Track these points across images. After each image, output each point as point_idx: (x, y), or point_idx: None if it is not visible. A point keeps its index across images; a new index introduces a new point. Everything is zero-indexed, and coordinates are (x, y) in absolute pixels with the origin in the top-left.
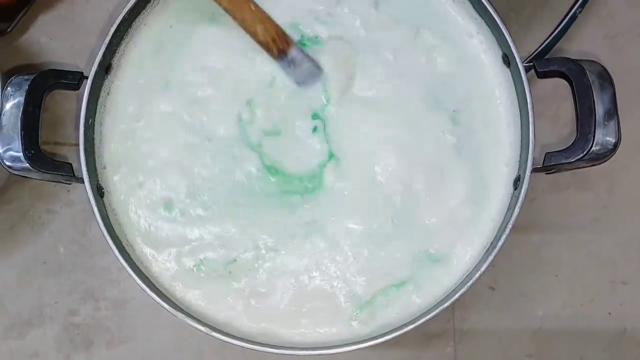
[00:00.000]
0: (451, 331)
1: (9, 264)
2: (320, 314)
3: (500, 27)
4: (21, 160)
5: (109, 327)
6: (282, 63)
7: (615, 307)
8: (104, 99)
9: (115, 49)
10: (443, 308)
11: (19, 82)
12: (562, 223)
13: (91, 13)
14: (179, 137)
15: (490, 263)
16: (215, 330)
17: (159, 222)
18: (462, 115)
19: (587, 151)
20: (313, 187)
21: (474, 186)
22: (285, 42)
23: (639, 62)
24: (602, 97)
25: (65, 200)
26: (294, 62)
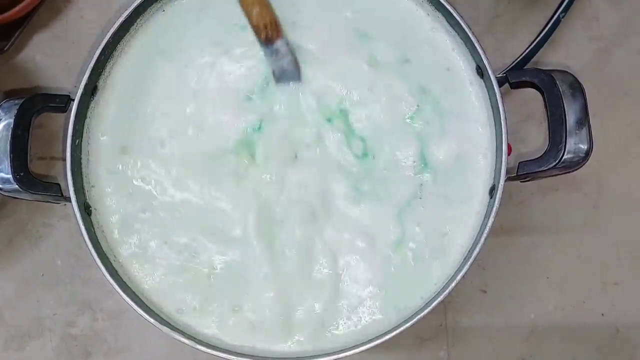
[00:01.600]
0: (444, 334)
1: (7, 276)
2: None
3: (472, 40)
4: (11, 182)
5: (106, 337)
6: (266, 50)
7: (607, 308)
8: (91, 119)
9: (100, 71)
10: (419, 318)
11: (8, 107)
12: (552, 225)
13: (84, 30)
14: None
15: (465, 273)
16: (201, 344)
17: (147, 240)
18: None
19: (559, 160)
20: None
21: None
22: (276, 31)
23: (623, 63)
24: (573, 107)
25: (62, 214)
26: (277, 53)
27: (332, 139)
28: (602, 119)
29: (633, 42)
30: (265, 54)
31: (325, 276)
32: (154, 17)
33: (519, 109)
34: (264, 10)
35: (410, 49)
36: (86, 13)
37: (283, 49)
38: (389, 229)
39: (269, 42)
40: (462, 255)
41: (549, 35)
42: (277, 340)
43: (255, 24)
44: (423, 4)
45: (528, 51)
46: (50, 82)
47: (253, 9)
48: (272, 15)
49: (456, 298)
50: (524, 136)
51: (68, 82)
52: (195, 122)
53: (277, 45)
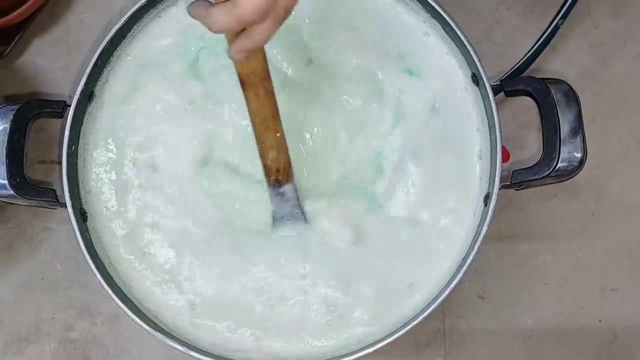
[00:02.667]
0: (441, 340)
1: (7, 281)
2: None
3: (468, 48)
4: (6, 188)
5: (104, 342)
6: (272, 190)
7: (605, 314)
8: (87, 125)
9: (97, 77)
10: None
11: (4, 112)
12: (550, 231)
13: (85, 34)
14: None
15: (459, 279)
16: (194, 350)
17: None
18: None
19: (553, 168)
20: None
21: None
22: (287, 176)
23: (623, 70)
24: (567, 115)
25: (62, 218)
26: (283, 197)
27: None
28: (601, 126)
29: (632, 49)
30: (270, 193)
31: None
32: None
33: (518, 116)
34: (280, 155)
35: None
36: (86, 17)
37: (290, 194)
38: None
39: (277, 184)
40: (457, 262)
41: (547, 42)
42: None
43: (268, 165)
44: (419, 11)
45: (527, 58)
46: (50, 86)
47: (270, 152)
48: (287, 160)
49: (454, 304)
50: (522, 142)
51: (68, 86)
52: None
53: (284, 189)
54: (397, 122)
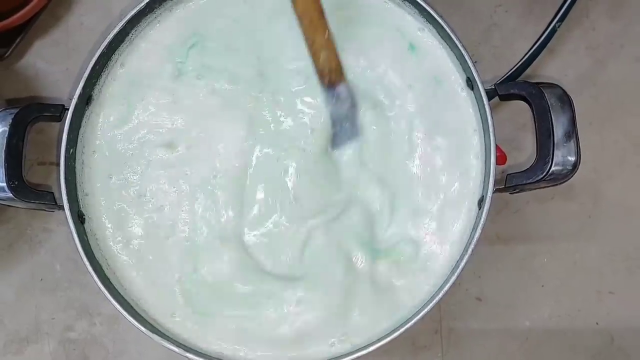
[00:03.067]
0: (439, 342)
1: (7, 281)
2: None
3: (462, 52)
4: (5, 191)
5: (103, 342)
6: (327, 94)
7: (602, 317)
8: (85, 129)
9: (95, 82)
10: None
11: (3, 116)
12: (547, 233)
13: (85, 37)
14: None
15: (453, 282)
16: (190, 352)
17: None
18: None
19: (547, 172)
20: None
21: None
22: (340, 76)
23: (620, 72)
24: (561, 119)
25: (61, 219)
26: (338, 98)
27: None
28: (598, 129)
29: (629, 51)
30: (326, 97)
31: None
32: (149, 27)
33: (515, 118)
34: (331, 55)
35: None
36: (86, 20)
37: (344, 94)
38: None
39: (331, 85)
40: (452, 265)
41: (544, 45)
42: (270, 348)
43: (321, 67)
44: (415, 15)
45: (523, 61)
46: (51, 88)
47: (321, 53)
48: (338, 60)
49: (452, 305)
50: (519, 145)
51: (67, 89)
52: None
53: (339, 90)
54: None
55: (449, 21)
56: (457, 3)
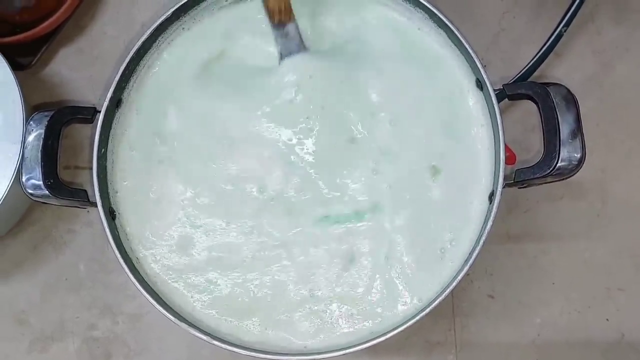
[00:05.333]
0: (452, 340)
1: (33, 281)
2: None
3: (472, 55)
4: (41, 188)
5: (126, 340)
6: (276, 32)
7: (612, 313)
8: (115, 130)
9: (124, 85)
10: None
11: (39, 118)
12: (557, 232)
13: (108, 45)
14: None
15: (465, 273)
16: (216, 339)
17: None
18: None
19: (554, 167)
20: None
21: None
22: (288, 15)
23: (626, 75)
24: (566, 118)
25: (85, 220)
26: (287, 35)
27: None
28: (605, 130)
29: (635, 55)
30: (276, 36)
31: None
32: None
33: (525, 120)
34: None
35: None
36: (109, 29)
37: (293, 32)
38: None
39: (281, 25)
40: (463, 259)
41: (551, 49)
42: (289, 337)
43: (270, 7)
44: (426, 20)
45: (530, 65)
46: (75, 95)
47: None
48: (287, 1)
49: (464, 302)
50: (529, 145)
51: (92, 95)
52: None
53: (288, 28)
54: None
55: (459, 28)
56: (466, 10)
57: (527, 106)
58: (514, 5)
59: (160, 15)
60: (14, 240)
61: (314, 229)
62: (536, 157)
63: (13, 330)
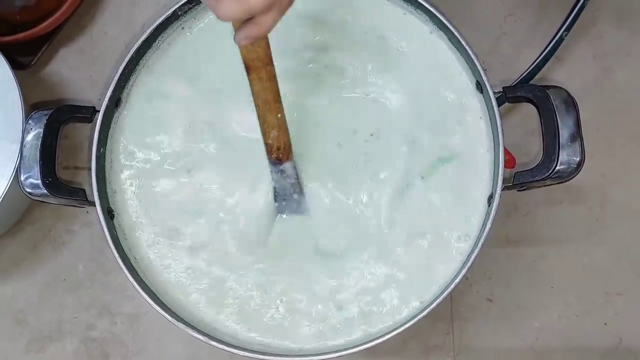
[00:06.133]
0: (450, 343)
1: (31, 281)
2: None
3: (473, 58)
4: (40, 187)
5: (124, 340)
6: (272, 167)
7: (610, 317)
8: (114, 129)
9: (123, 85)
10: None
11: (38, 117)
12: (556, 236)
13: (109, 45)
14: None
15: (464, 276)
16: (214, 340)
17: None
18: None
19: (553, 170)
20: None
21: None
22: (287, 155)
23: (626, 79)
24: (566, 121)
25: (84, 220)
26: (283, 173)
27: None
28: (605, 134)
29: (635, 59)
30: (271, 171)
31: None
32: (177, 35)
33: (525, 124)
34: (282, 134)
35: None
36: (110, 29)
37: (289, 171)
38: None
39: (278, 162)
40: (461, 261)
41: (552, 53)
42: (286, 339)
43: (270, 144)
44: (427, 23)
45: (531, 68)
46: (75, 94)
47: (272, 131)
48: (287, 139)
49: (463, 306)
50: (528, 149)
51: (92, 95)
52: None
53: (285, 166)
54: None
55: (461, 30)
56: (468, 13)
57: (527, 110)
58: (516, 8)
59: (160, 14)
60: (13, 240)
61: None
62: (535, 161)
63: (11, 330)
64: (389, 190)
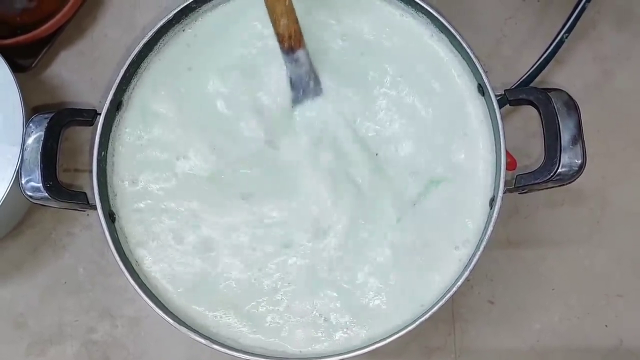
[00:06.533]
0: (452, 345)
1: (32, 284)
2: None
3: (474, 60)
4: (41, 191)
5: (125, 343)
6: (286, 58)
7: (610, 319)
8: (115, 133)
9: (125, 88)
10: (417, 324)
11: (39, 120)
12: (557, 238)
13: (109, 48)
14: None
15: (465, 278)
16: (216, 344)
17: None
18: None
19: (554, 173)
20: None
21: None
22: (298, 42)
23: (627, 82)
24: (567, 123)
25: (85, 223)
26: (297, 62)
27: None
28: (605, 136)
29: (636, 62)
30: (286, 61)
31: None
32: (177, 36)
33: (526, 126)
34: (291, 22)
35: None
36: (110, 32)
37: (303, 58)
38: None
39: (290, 51)
40: (464, 264)
41: (552, 55)
42: (285, 342)
43: (280, 32)
44: (428, 25)
45: (532, 71)
46: (76, 97)
47: (281, 19)
48: (297, 27)
49: (464, 308)
50: (530, 151)
51: (93, 97)
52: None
53: (298, 54)
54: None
55: (462, 33)
56: (468, 15)
57: (528, 112)
58: (517, 11)
59: (161, 17)
60: (13, 243)
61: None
62: (537, 163)
63: (11, 333)
64: (389, 194)
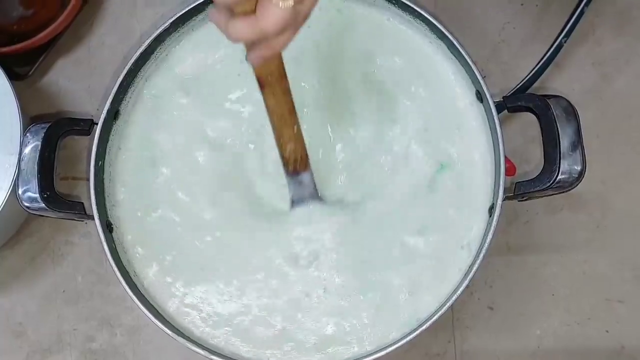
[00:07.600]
0: (452, 351)
1: (30, 293)
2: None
3: (472, 67)
4: (38, 201)
5: (124, 352)
6: (290, 179)
7: (612, 325)
8: (112, 142)
9: (122, 97)
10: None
11: (36, 130)
12: (557, 244)
13: (106, 56)
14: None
15: (466, 286)
16: (215, 354)
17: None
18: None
19: (554, 180)
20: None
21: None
22: (305, 165)
23: (626, 87)
24: (567, 130)
25: (83, 232)
26: (301, 183)
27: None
28: (605, 141)
29: (634, 67)
30: (288, 181)
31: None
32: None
33: (525, 131)
34: (298, 147)
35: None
36: (108, 40)
37: (307, 181)
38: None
39: (295, 173)
40: (463, 271)
41: (551, 60)
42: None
43: (287, 157)
44: (427, 33)
45: (530, 76)
46: (73, 105)
47: (288, 145)
48: (304, 151)
49: (464, 315)
50: (529, 157)
51: (90, 106)
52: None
53: (302, 177)
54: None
55: (459, 39)
56: (466, 21)
57: (527, 117)
58: (514, 16)
59: (158, 26)
60: (12, 252)
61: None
62: (536, 168)
63: (10, 343)
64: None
